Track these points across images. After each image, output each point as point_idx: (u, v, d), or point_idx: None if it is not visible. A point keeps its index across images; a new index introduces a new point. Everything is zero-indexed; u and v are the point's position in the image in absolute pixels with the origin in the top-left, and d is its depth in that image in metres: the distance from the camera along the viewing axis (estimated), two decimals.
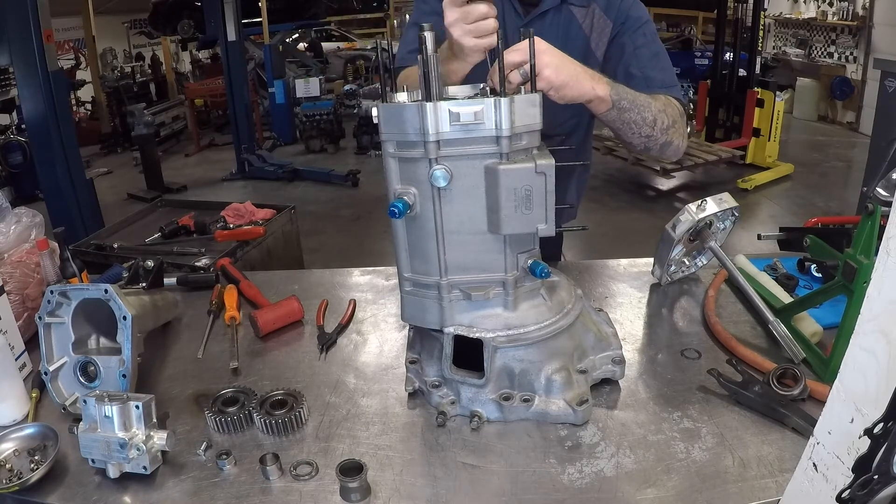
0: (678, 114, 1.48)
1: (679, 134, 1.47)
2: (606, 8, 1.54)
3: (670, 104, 1.46)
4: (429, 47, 1.03)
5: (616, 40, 1.54)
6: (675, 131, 1.45)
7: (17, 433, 1.11)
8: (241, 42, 7.16)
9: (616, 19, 1.54)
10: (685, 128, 1.51)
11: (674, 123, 1.44)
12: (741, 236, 4.33)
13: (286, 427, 1.11)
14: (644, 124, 1.38)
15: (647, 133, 1.40)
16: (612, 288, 1.62)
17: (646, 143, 1.43)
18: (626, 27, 1.53)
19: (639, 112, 1.36)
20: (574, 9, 1.54)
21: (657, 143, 1.44)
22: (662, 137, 1.43)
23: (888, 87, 4.08)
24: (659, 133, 1.41)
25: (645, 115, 1.37)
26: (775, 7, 9.74)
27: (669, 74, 1.54)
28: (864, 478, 0.61)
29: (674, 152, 1.50)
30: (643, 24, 1.54)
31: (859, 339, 0.65)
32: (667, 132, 1.43)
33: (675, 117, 1.45)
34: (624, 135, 1.41)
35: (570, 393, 1.11)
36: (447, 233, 1.08)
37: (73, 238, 2.48)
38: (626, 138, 1.42)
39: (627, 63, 1.51)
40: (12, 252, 1.49)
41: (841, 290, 1.20)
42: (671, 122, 1.43)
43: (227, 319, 1.51)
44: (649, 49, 1.52)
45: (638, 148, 1.46)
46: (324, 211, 6.09)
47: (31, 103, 3.91)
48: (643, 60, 1.51)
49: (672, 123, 1.44)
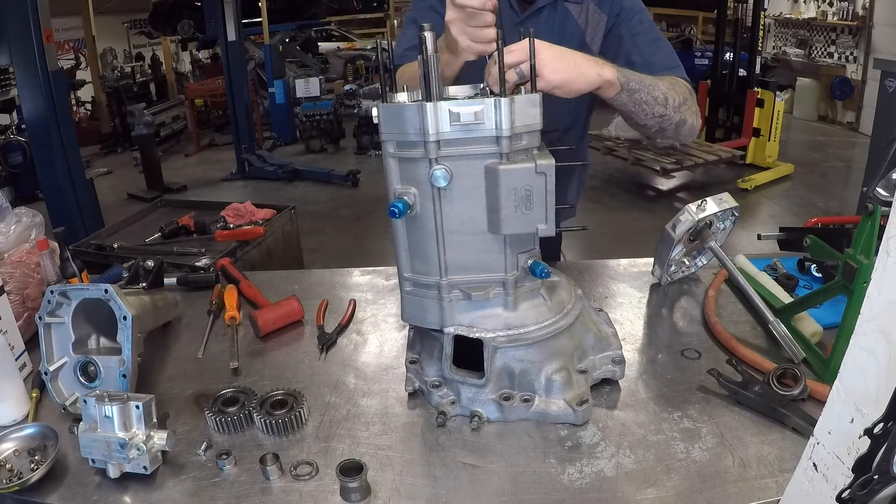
0: (687, 91, 1.46)
1: (692, 111, 1.45)
2: (600, 2, 1.55)
3: (677, 83, 1.45)
4: (429, 48, 1.03)
5: (613, 32, 1.55)
6: (688, 108, 1.44)
7: (17, 433, 1.11)
8: (241, 42, 7.16)
9: (610, 12, 1.54)
10: (696, 105, 1.49)
11: (685, 101, 1.43)
12: (741, 236, 4.33)
13: (286, 427, 1.11)
14: (656, 103, 1.37)
15: (660, 112, 1.38)
16: (612, 288, 1.62)
17: (660, 123, 1.41)
18: (622, 18, 1.54)
19: (648, 92, 1.35)
20: (569, 5, 1.55)
21: (671, 123, 1.42)
22: (676, 115, 1.41)
23: (888, 87, 4.08)
24: (672, 111, 1.40)
25: (655, 94, 1.36)
26: (775, 7, 9.73)
27: (671, 56, 1.54)
28: (864, 478, 0.61)
29: (689, 131, 1.48)
30: (638, 13, 1.55)
31: (859, 339, 0.65)
32: (679, 109, 1.41)
33: (684, 95, 1.44)
34: (637, 117, 1.39)
35: (570, 393, 1.11)
36: (447, 233, 1.08)
37: (73, 238, 2.48)
38: (640, 121, 1.40)
39: (628, 51, 1.51)
40: (12, 252, 1.49)
41: (841, 290, 1.20)
42: (682, 100, 1.42)
43: (227, 319, 1.51)
44: (647, 35, 1.53)
45: (653, 130, 1.44)
46: (324, 211, 6.09)
47: (31, 103, 3.91)
48: (642, 47, 1.51)
49: (683, 101, 1.42)
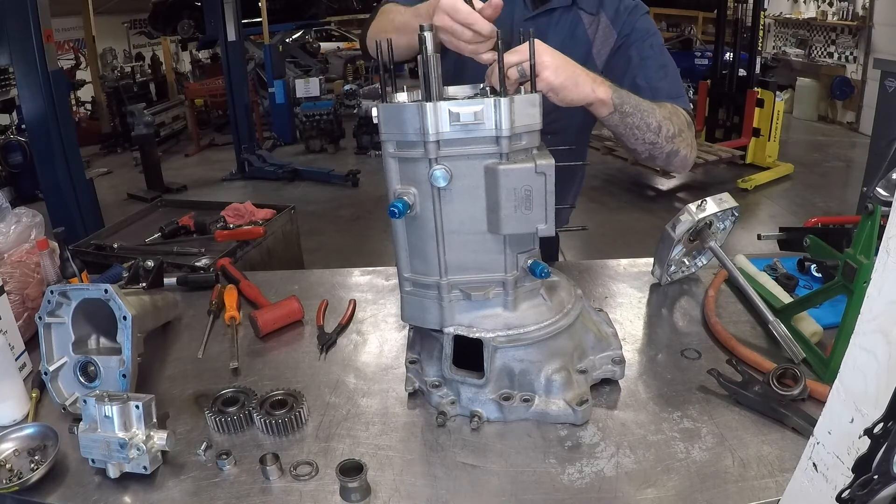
0: (685, 123, 1.45)
1: (686, 144, 1.44)
2: (614, 19, 1.53)
3: (676, 113, 1.43)
4: (429, 48, 1.03)
5: (621, 52, 1.53)
6: (682, 141, 1.42)
7: (17, 433, 1.11)
8: (241, 42, 7.16)
9: (621, 31, 1.52)
10: (693, 139, 1.47)
11: (680, 132, 1.41)
12: (741, 236, 4.33)
13: (286, 427, 1.11)
14: (648, 130, 1.35)
15: (651, 140, 1.37)
16: (612, 288, 1.62)
17: (650, 151, 1.40)
18: (632, 38, 1.51)
19: (642, 117, 1.33)
20: (582, 13, 1.53)
21: (662, 152, 1.41)
22: (668, 146, 1.40)
23: (888, 87, 4.08)
24: (664, 140, 1.38)
25: (649, 121, 1.34)
26: (775, 7, 9.74)
27: (677, 86, 1.51)
28: (864, 478, 0.61)
29: (681, 163, 1.46)
30: (650, 36, 1.52)
31: (859, 339, 0.65)
32: (672, 140, 1.39)
33: (681, 126, 1.42)
34: (627, 141, 1.38)
35: (570, 393, 1.11)
36: (447, 233, 1.08)
37: (73, 238, 2.48)
38: (630, 145, 1.39)
39: (634, 74, 1.49)
40: (12, 252, 1.49)
41: (841, 290, 1.20)
42: (677, 131, 1.40)
43: (227, 319, 1.51)
44: (656, 61, 1.50)
45: (643, 156, 1.43)
46: (324, 211, 6.09)
47: (31, 103, 3.91)
48: (650, 72, 1.49)
49: (678, 132, 1.40)
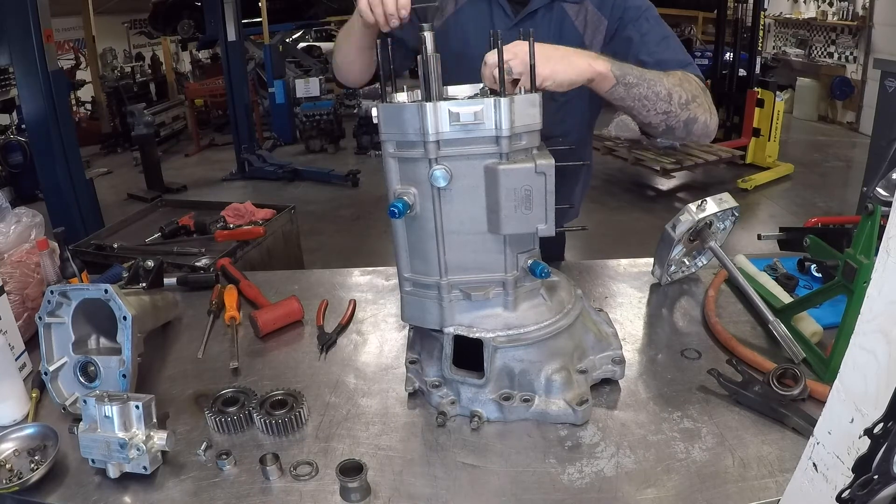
0: (698, 88, 1.40)
1: (703, 109, 1.39)
2: (600, 5, 1.50)
3: (687, 79, 1.39)
4: (429, 48, 1.03)
5: (619, 34, 1.50)
6: (698, 106, 1.37)
7: (17, 433, 1.11)
8: (241, 42, 7.15)
9: (612, 14, 1.50)
10: (711, 104, 1.42)
11: (694, 98, 1.36)
12: (741, 236, 4.33)
13: (286, 427, 1.11)
14: (658, 99, 1.31)
15: (663, 109, 1.32)
16: (612, 288, 1.62)
17: (666, 122, 1.35)
18: (627, 19, 1.49)
19: (649, 87, 1.29)
20: (566, 6, 1.51)
21: (679, 121, 1.36)
22: (683, 113, 1.35)
23: (888, 87, 4.07)
24: (677, 108, 1.33)
25: (657, 90, 1.30)
26: (775, 7, 9.72)
27: (682, 53, 1.47)
28: (864, 478, 0.61)
29: (702, 129, 1.40)
30: (644, 11, 1.49)
31: (859, 339, 0.65)
32: (687, 107, 1.35)
33: (694, 92, 1.37)
34: (640, 115, 1.34)
35: (570, 393, 1.11)
36: (447, 233, 1.08)
37: (73, 238, 2.48)
38: (644, 118, 1.35)
39: (637, 52, 1.45)
40: (12, 252, 1.49)
41: (841, 290, 1.20)
42: (690, 97, 1.36)
43: (227, 319, 1.51)
44: (656, 33, 1.47)
45: (660, 129, 1.38)
46: (324, 211, 6.08)
47: (31, 103, 3.90)
48: (652, 46, 1.45)
49: (692, 98, 1.36)
